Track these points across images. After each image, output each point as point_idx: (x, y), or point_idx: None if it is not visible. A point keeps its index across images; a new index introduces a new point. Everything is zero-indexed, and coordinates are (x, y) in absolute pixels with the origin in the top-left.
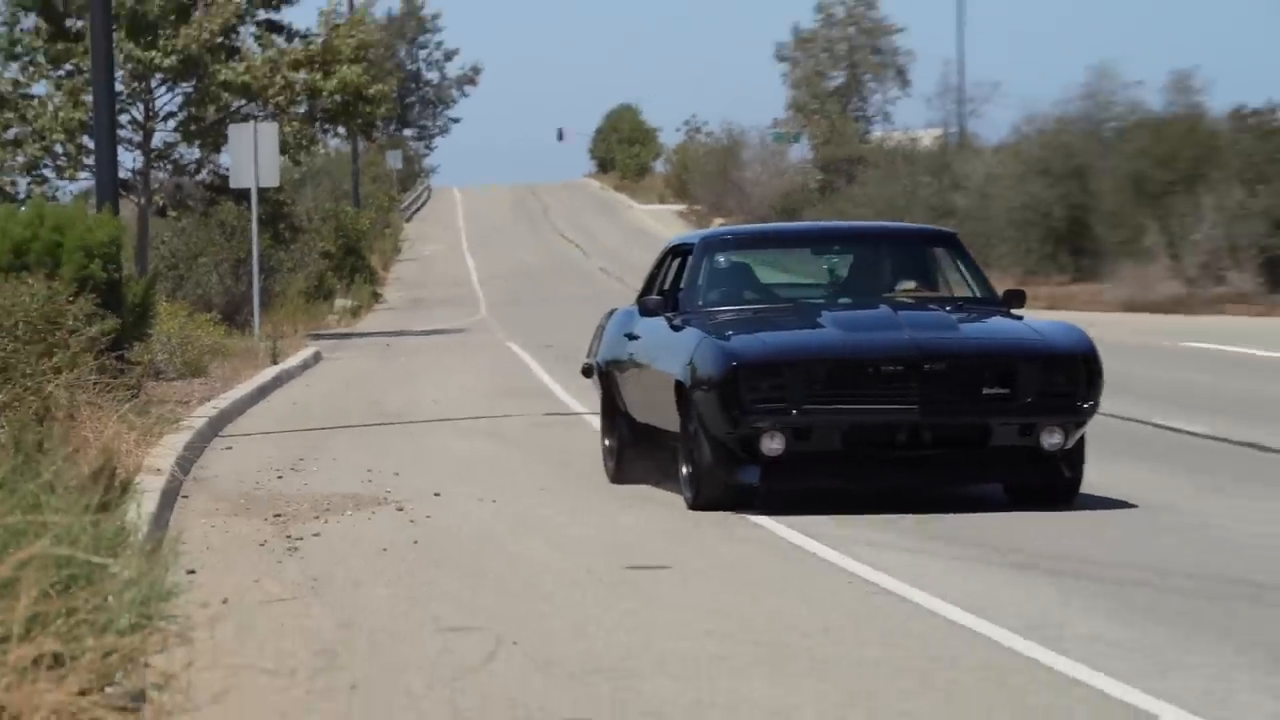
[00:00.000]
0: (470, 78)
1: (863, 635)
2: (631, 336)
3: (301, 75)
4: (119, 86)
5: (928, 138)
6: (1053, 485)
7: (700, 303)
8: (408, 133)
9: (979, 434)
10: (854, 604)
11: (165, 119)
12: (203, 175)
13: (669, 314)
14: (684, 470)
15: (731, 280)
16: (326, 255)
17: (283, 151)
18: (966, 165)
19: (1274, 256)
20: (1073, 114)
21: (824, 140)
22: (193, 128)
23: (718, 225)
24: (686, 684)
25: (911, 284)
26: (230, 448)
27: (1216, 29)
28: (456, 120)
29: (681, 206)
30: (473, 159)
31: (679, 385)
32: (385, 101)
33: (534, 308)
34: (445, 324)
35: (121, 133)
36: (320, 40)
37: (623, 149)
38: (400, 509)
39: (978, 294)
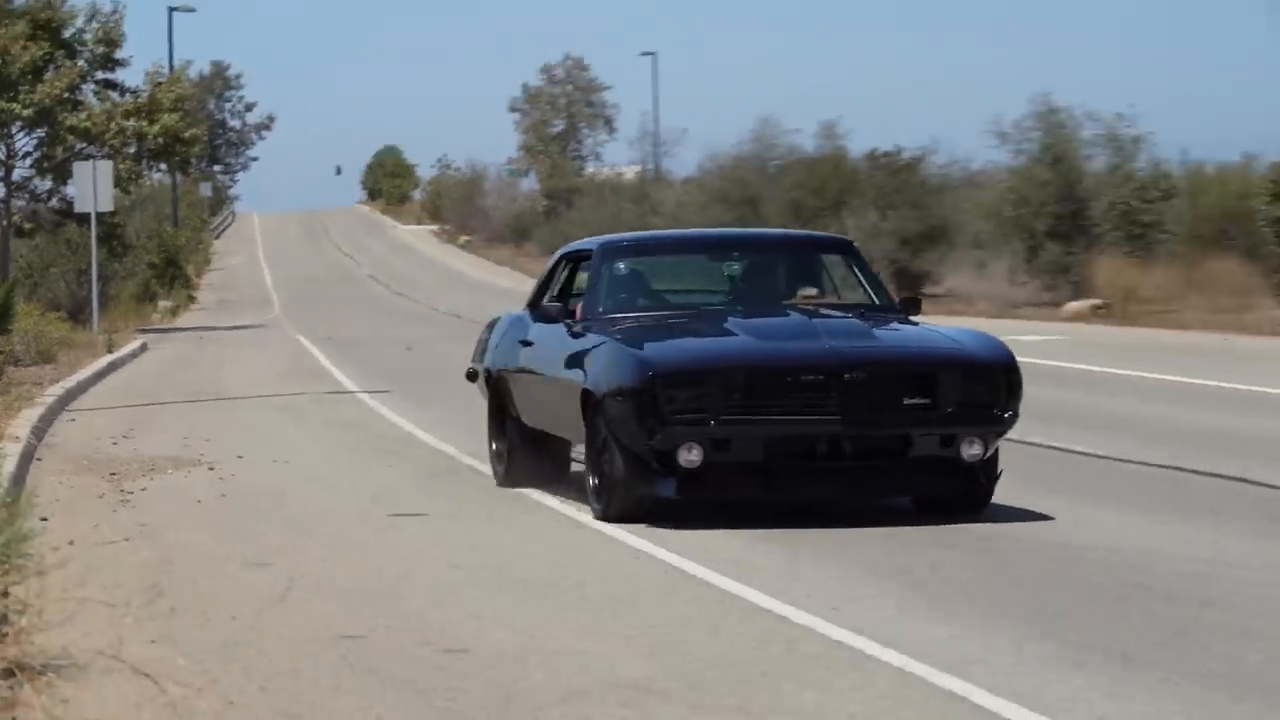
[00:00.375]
0: (266, 124)
1: (584, 569)
2: (526, 343)
3: (131, 122)
4: None
5: (630, 173)
6: (971, 496)
7: (601, 309)
8: (216, 168)
9: (900, 445)
10: (579, 544)
11: (23, 158)
12: (53, 202)
13: (568, 321)
14: (591, 481)
15: (631, 287)
16: (151, 266)
17: (116, 184)
18: (661, 195)
19: (902, 267)
20: (745, 154)
21: (548, 174)
22: (45, 164)
23: (463, 241)
24: (440, 605)
25: (812, 290)
26: (75, 419)
27: (857, 84)
28: (255, 158)
29: (435, 227)
30: (268, 189)
31: (587, 394)
32: (197, 143)
33: (317, 307)
34: (246, 320)
35: None
36: (146, 94)
37: (388, 181)
38: (211, 468)
39: (876, 301)
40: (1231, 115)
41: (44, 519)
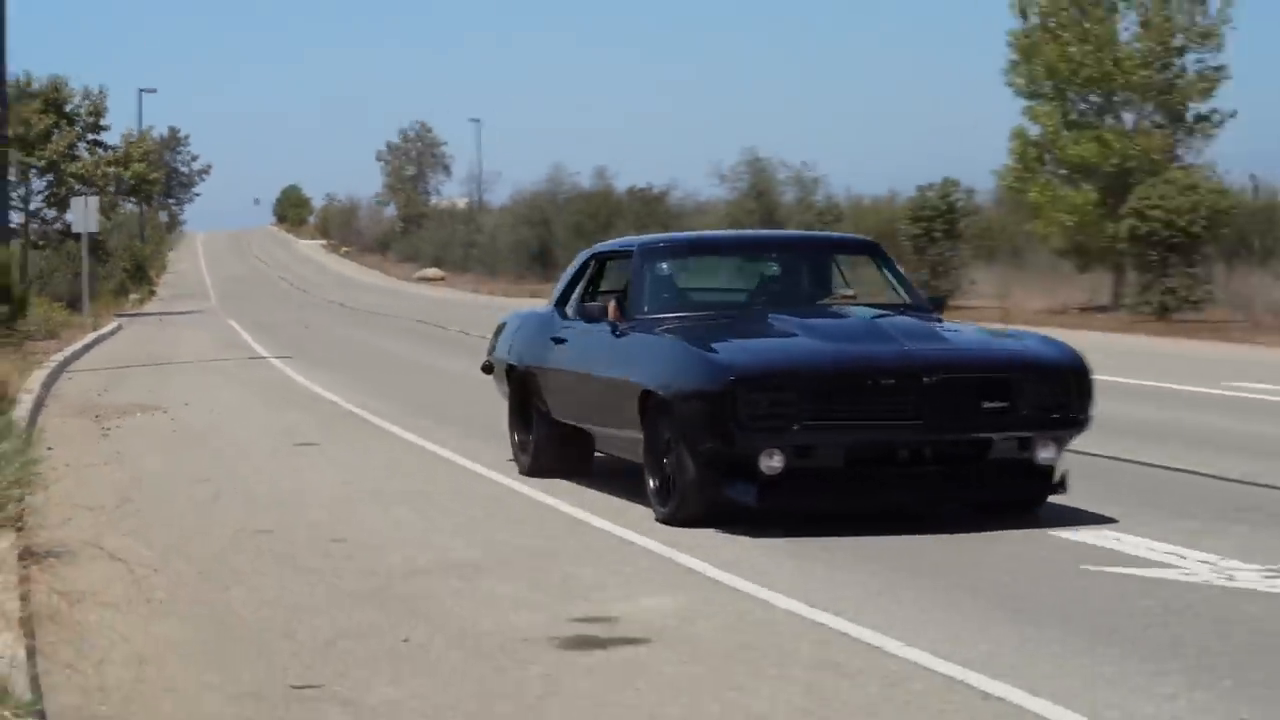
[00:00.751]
0: (205, 170)
1: (435, 485)
2: (559, 340)
3: (112, 169)
4: (12, 177)
5: (461, 203)
6: (1040, 497)
7: (645, 309)
8: (171, 201)
9: (979, 449)
10: (435, 470)
11: (37, 194)
12: (57, 225)
13: (611, 321)
14: (652, 483)
15: (672, 287)
16: (125, 270)
17: (101, 212)
18: (484, 219)
19: None
20: (541, 190)
21: (404, 205)
22: (52, 199)
23: (344, 251)
24: (330, 511)
25: (850, 291)
26: (71, 378)
27: (623, 137)
28: (198, 194)
29: (324, 242)
30: (207, 216)
31: (648, 395)
32: (158, 184)
33: (242, 300)
34: (192, 308)
35: (13, 202)
36: (122, 150)
37: (291, 209)
38: (165, 412)
39: (909, 300)
40: (883, 159)
41: (50, 448)
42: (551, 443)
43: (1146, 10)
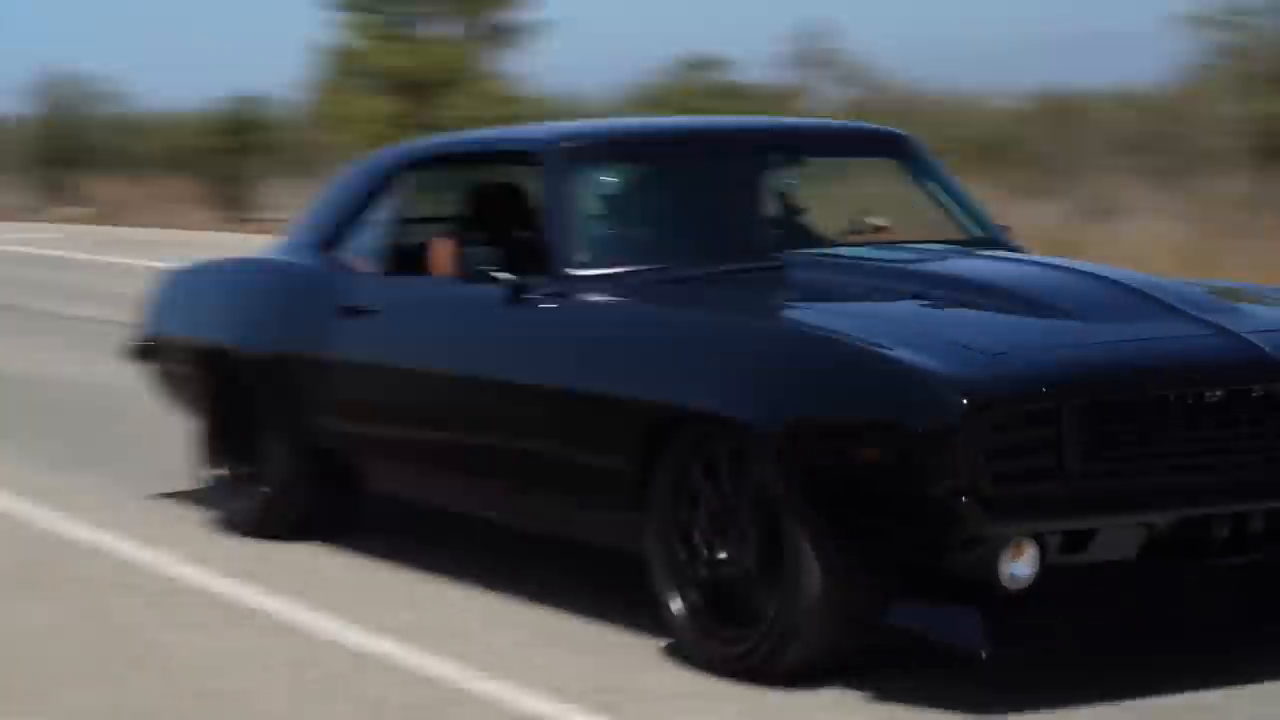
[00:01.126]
0: None
1: None
2: (356, 310)
3: None
4: None
5: None
6: None
7: (581, 259)
8: None
9: None
10: None
11: None
12: None
13: (514, 279)
14: (677, 602)
15: (623, 217)
16: None
17: None
18: None
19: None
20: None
21: None
22: None
23: None
24: None
25: (884, 221)
26: None
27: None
28: None
29: None
30: None
31: (672, 426)
32: None
33: None
34: None
35: None
36: None
37: None
38: None
39: (982, 233)
40: (187, 73)
41: None
42: (305, 480)
43: None
